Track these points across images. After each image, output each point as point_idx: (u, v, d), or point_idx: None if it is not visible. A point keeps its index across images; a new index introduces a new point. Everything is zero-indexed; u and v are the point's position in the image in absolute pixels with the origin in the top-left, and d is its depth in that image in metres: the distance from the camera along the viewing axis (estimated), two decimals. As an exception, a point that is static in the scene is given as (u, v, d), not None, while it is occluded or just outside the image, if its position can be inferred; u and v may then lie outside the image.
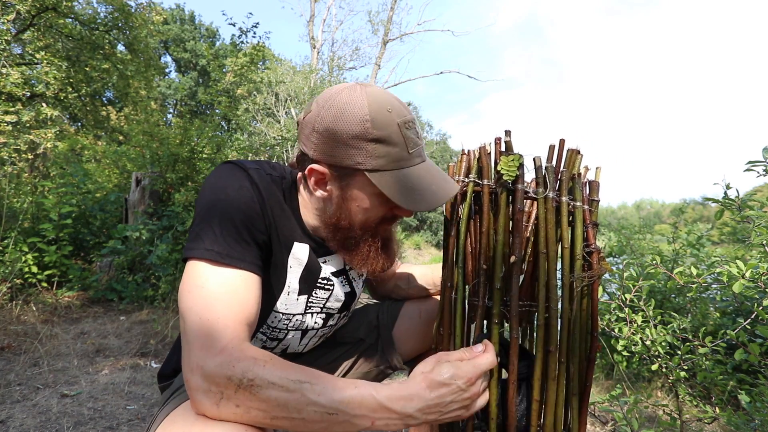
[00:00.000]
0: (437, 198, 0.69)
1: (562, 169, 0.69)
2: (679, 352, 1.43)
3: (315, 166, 0.73)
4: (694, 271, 1.42)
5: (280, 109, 10.06)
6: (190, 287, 0.62)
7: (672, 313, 1.86)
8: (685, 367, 1.41)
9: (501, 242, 0.69)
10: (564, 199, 0.68)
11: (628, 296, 1.55)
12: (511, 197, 0.71)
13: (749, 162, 1.18)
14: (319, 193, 0.75)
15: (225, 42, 21.85)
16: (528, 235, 0.77)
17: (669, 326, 1.57)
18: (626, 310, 1.57)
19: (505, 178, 0.68)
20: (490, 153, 0.73)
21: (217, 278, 0.63)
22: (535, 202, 0.70)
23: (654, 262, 1.53)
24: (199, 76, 23.09)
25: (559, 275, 0.70)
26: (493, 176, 0.73)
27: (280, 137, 8.81)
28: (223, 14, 7.07)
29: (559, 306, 0.68)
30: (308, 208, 0.81)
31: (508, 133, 0.70)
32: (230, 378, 0.54)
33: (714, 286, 2.02)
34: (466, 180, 0.75)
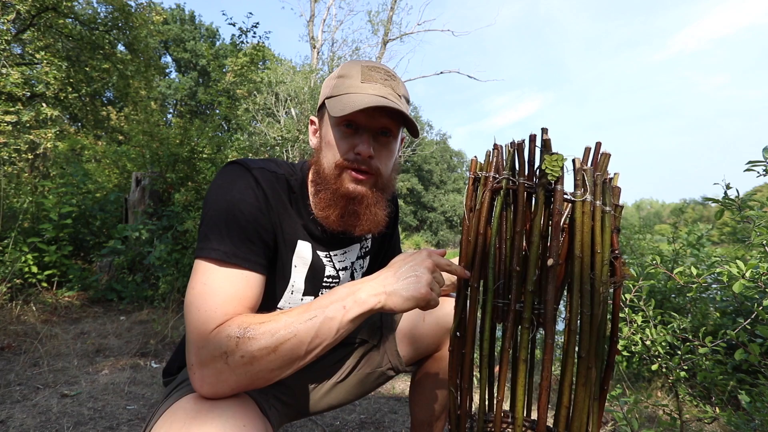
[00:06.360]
0: (355, 105, 0.73)
1: (597, 173, 0.67)
2: (679, 352, 1.43)
3: (311, 117, 0.89)
4: (694, 271, 1.42)
5: (280, 109, 10.06)
6: (195, 284, 0.67)
7: (672, 313, 1.86)
8: (685, 367, 1.41)
9: (536, 244, 0.67)
10: (598, 203, 0.66)
11: (628, 296, 1.55)
12: (545, 198, 0.68)
13: (749, 162, 1.18)
14: (314, 142, 0.86)
15: (225, 42, 21.87)
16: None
17: (669, 326, 1.57)
18: (626, 310, 1.57)
19: (549, 177, 0.65)
20: (524, 150, 0.69)
21: (221, 276, 0.67)
22: (571, 205, 0.68)
23: (654, 262, 1.53)
24: (199, 76, 23.09)
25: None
26: (535, 174, 0.69)
27: (280, 137, 8.81)
28: (223, 14, 7.03)
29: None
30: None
31: (545, 131, 0.67)
32: (229, 336, 0.59)
33: (714, 286, 2.02)
34: (499, 177, 0.70)
